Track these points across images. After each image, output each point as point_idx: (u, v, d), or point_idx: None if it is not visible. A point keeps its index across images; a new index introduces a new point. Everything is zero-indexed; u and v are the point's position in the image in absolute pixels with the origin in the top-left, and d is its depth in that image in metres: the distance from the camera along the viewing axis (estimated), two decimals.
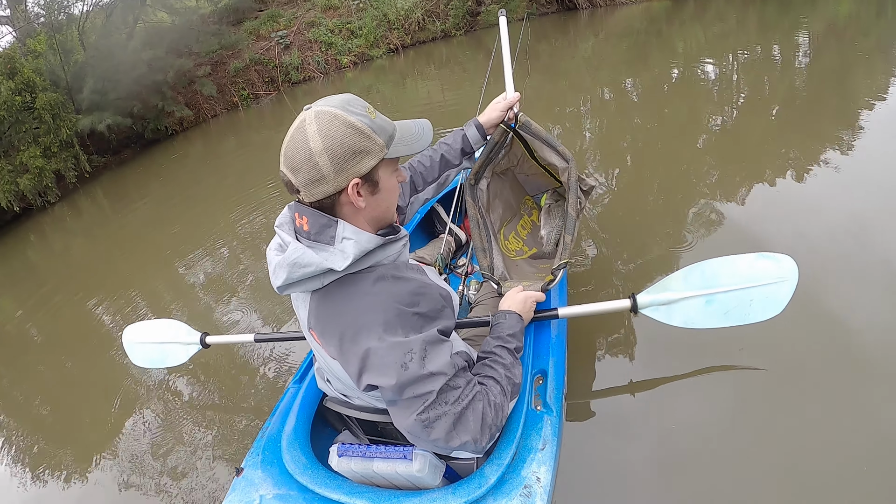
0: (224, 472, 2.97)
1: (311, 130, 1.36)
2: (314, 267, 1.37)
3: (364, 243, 1.41)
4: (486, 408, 1.46)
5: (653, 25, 12.81)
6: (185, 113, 13.73)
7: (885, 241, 3.30)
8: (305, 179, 1.38)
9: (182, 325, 3.10)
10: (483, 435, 1.44)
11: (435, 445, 1.42)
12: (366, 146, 1.39)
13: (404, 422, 1.40)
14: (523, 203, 3.20)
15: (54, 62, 11.85)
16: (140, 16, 13.72)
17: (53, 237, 9.12)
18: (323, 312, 1.46)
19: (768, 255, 2.07)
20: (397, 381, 1.34)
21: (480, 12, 16.48)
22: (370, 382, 1.39)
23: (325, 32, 15.78)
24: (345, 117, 1.37)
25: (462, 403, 1.41)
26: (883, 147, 4.39)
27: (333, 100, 1.42)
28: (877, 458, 2.14)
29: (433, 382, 1.37)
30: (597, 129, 6.64)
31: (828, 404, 2.42)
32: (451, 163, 2.34)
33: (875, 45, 7.78)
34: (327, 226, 1.42)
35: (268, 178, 7.88)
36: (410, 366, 1.35)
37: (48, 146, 10.93)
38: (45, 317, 5.97)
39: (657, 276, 3.46)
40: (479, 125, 2.36)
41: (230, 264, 5.62)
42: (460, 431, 1.40)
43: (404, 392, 1.37)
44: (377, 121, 1.44)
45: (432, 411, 1.37)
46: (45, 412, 4.24)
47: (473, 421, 1.42)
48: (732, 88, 7.00)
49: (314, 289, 1.45)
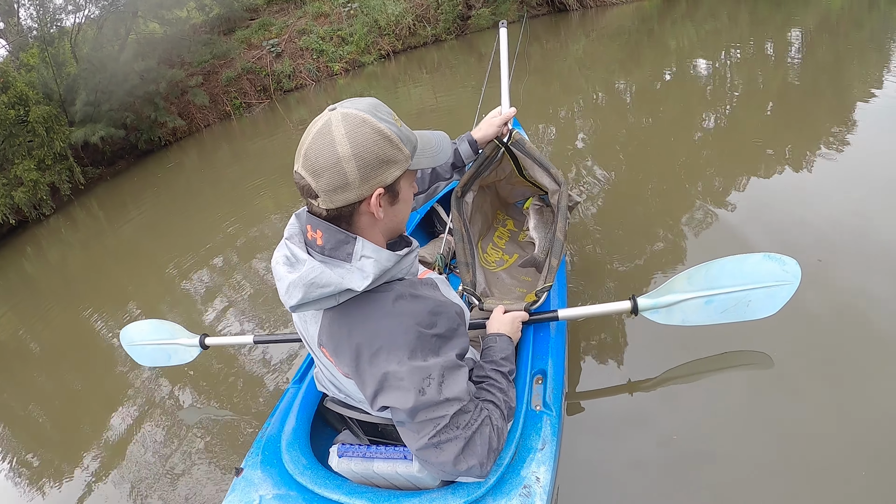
0: (224, 472, 2.98)
1: (338, 133, 1.28)
2: (333, 287, 1.30)
3: (384, 262, 1.37)
4: (491, 433, 1.46)
5: (644, 25, 12.86)
6: (178, 123, 13.71)
7: (886, 231, 3.33)
8: (328, 185, 1.30)
9: (179, 327, 3.10)
10: (489, 459, 1.44)
11: (442, 469, 1.42)
12: (393, 156, 1.34)
13: (414, 444, 1.40)
14: (496, 217, 3.19)
15: (47, 75, 11.86)
16: (132, 27, 13.71)
17: (50, 249, 9.11)
18: (337, 331, 1.41)
19: (774, 256, 2.08)
20: (413, 406, 1.33)
21: (471, 16, 16.50)
22: (385, 405, 1.37)
23: (317, 40, 15.77)
24: (374, 123, 1.30)
25: (472, 428, 1.41)
26: (878, 140, 4.41)
27: (360, 103, 1.35)
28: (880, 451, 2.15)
29: (448, 408, 1.37)
30: (590, 130, 6.64)
31: (828, 402, 2.42)
32: (442, 176, 2.32)
33: (868, 37, 7.81)
34: (344, 242, 1.36)
35: (262, 187, 7.90)
36: (428, 391, 1.33)
37: (42, 159, 10.92)
38: (43, 328, 5.95)
39: (655, 274, 3.48)
40: (472, 141, 2.33)
41: (226, 273, 5.61)
42: (468, 455, 1.40)
43: (417, 416, 1.36)
44: (403, 130, 1.39)
45: (444, 435, 1.37)
46: (42, 420, 4.24)
47: (481, 445, 1.42)
48: (726, 85, 7.01)
49: (329, 307, 1.38)
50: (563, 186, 2.44)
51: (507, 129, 2.43)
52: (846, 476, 2.10)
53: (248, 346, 3.93)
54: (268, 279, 5.12)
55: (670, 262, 3.57)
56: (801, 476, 2.15)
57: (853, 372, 2.52)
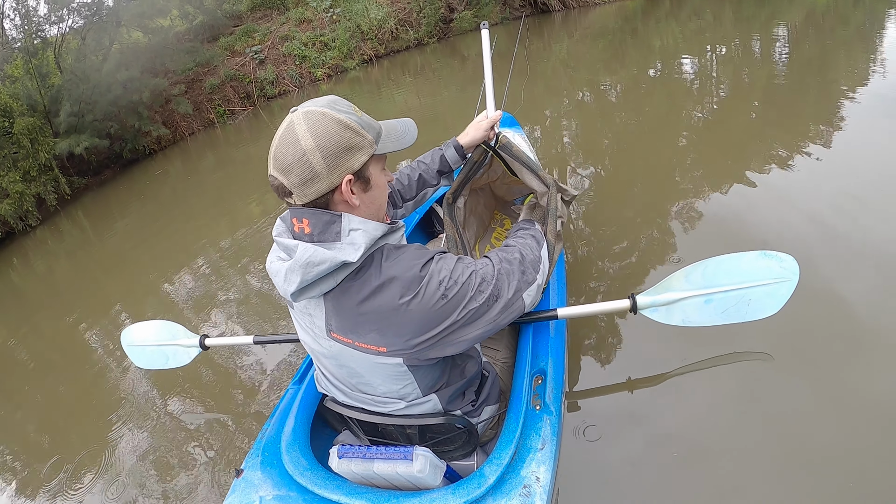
0: (224, 473, 2.96)
1: (300, 130, 1.36)
2: (329, 263, 1.35)
3: (372, 231, 1.42)
4: (509, 268, 1.63)
5: (628, 24, 12.92)
6: (163, 132, 13.60)
7: (875, 225, 3.37)
8: (298, 179, 1.38)
9: (179, 327, 3.12)
10: (524, 276, 1.66)
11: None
12: (356, 142, 1.40)
13: (510, 290, 1.59)
14: (494, 217, 3.19)
15: (31, 87, 11.79)
16: (115, 37, 13.63)
17: (36, 260, 9.04)
18: (346, 309, 1.46)
19: (771, 254, 2.09)
20: (454, 310, 1.46)
21: (453, 19, 16.54)
22: (433, 333, 1.45)
23: (299, 46, 15.72)
24: (333, 115, 1.38)
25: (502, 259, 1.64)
26: (865, 136, 4.45)
27: (319, 101, 1.43)
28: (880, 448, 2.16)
29: (469, 273, 1.50)
30: (576, 130, 6.67)
31: (828, 399, 2.44)
32: (429, 182, 2.35)
33: (854, 33, 7.87)
34: (331, 222, 1.41)
35: (248, 193, 7.88)
36: (450, 289, 1.44)
37: (28, 170, 10.82)
38: (32, 337, 5.91)
39: (650, 272, 3.50)
40: (458, 146, 2.35)
41: (214, 279, 5.58)
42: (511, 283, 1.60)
43: (466, 301, 1.47)
44: (364, 118, 1.46)
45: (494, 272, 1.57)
46: (32, 428, 4.17)
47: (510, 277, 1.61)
48: (712, 83, 7.05)
49: (328, 289, 1.43)
50: (552, 188, 2.43)
51: (494, 133, 2.43)
52: (846, 476, 2.11)
53: (247, 348, 3.92)
54: (256, 283, 5.14)
55: (664, 260, 3.59)
56: (803, 472, 2.16)
57: (853, 369, 2.54)
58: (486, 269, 1.54)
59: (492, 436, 2.06)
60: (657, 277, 2.92)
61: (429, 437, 1.78)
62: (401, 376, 1.57)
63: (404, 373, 1.56)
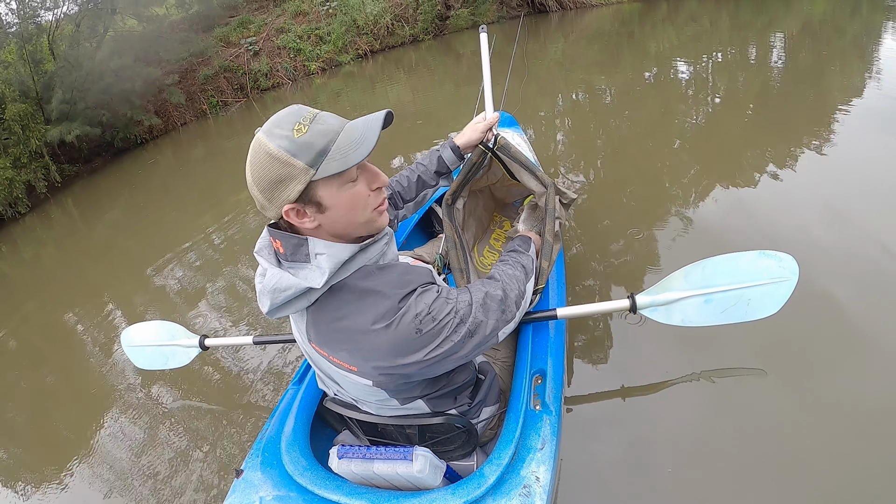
0: (224, 473, 2.96)
1: (248, 160, 1.37)
2: (293, 289, 1.35)
3: (338, 255, 1.39)
4: (490, 302, 1.60)
5: (624, 27, 12.93)
6: (154, 121, 13.55)
7: (868, 228, 3.42)
8: (257, 206, 1.40)
9: (179, 327, 3.10)
10: (501, 314, 1.62)
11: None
12: (285, 173, 1.31)
13: (486, 329, 1.55)
14: (493, 219, 3.19)
15: (24, 72, 11.71)
16: (110, 24, 13.55)
17: (25, 248, 8.97)
18: (322, 324, 1.45)
19: (770, 253, 2.08)
20: (425, 347, 1.42)
21: (449, 16, 16.53)
22: (400, 363, 1.42)
23: (294, 39, 15.69)
24: (265, 144, 1.31)
25: (482, 292, 1.60)
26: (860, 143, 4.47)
27: (270, 121, 1.36)
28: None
29: (448, 310, 1.46)
30: (571, 132, 6.68)
31: (828, 400, 2.45)
32: (428, 183, 2.36)
33: (850, 43, 7.90)
34: (299, 245, 1.40)
35: (240, 185, 7.83)
36: (425, 324, 1.40)
37: (18, 157, 10.76)
38: (20, 325, 5.86)
39: (648, 272, 3.51)
40: (455, 147, 2.35)
41: (203, 271, 5.57)
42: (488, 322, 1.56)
43: (440, 340, 1.44)
44: (304, 138, 1.31)
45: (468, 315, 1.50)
46: (23, 422, 4.15)
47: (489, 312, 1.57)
48: (707, 88, 7.07)
49: (305, 307, 1.43)
50: (550, 189, 2.44)
51: (492, 134, 2.43)
52: (845, 479, 2.13)
53: (247, 348, 3.91)
54: (242, 274, 5.18)
55: (664, 258, 3.62)
56: (802, 473, 2.18)
57: (852, 374, 2.56)
58: (466, 307, 1.50)
59: (492, 436, 2.07)
60: (657, 277, 2.93)
61: (428, 438, 1.78)
62: (375, 392, 1.58)
63: (378, 390, 1.56)
